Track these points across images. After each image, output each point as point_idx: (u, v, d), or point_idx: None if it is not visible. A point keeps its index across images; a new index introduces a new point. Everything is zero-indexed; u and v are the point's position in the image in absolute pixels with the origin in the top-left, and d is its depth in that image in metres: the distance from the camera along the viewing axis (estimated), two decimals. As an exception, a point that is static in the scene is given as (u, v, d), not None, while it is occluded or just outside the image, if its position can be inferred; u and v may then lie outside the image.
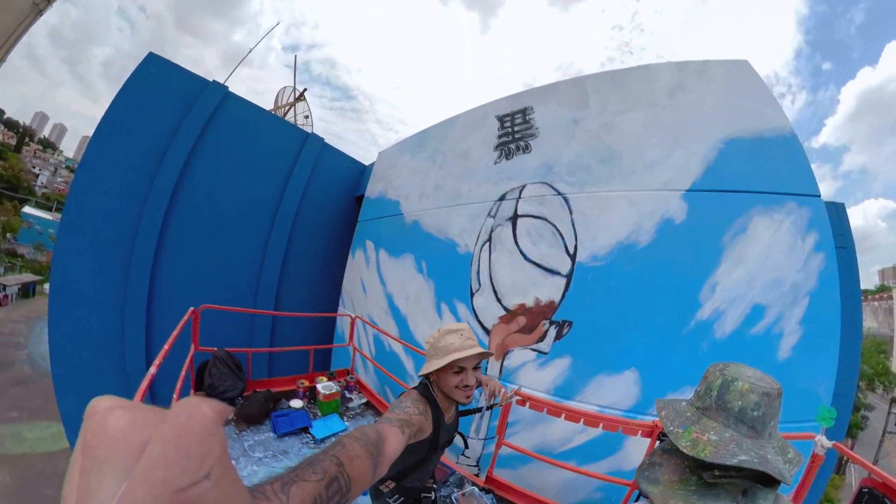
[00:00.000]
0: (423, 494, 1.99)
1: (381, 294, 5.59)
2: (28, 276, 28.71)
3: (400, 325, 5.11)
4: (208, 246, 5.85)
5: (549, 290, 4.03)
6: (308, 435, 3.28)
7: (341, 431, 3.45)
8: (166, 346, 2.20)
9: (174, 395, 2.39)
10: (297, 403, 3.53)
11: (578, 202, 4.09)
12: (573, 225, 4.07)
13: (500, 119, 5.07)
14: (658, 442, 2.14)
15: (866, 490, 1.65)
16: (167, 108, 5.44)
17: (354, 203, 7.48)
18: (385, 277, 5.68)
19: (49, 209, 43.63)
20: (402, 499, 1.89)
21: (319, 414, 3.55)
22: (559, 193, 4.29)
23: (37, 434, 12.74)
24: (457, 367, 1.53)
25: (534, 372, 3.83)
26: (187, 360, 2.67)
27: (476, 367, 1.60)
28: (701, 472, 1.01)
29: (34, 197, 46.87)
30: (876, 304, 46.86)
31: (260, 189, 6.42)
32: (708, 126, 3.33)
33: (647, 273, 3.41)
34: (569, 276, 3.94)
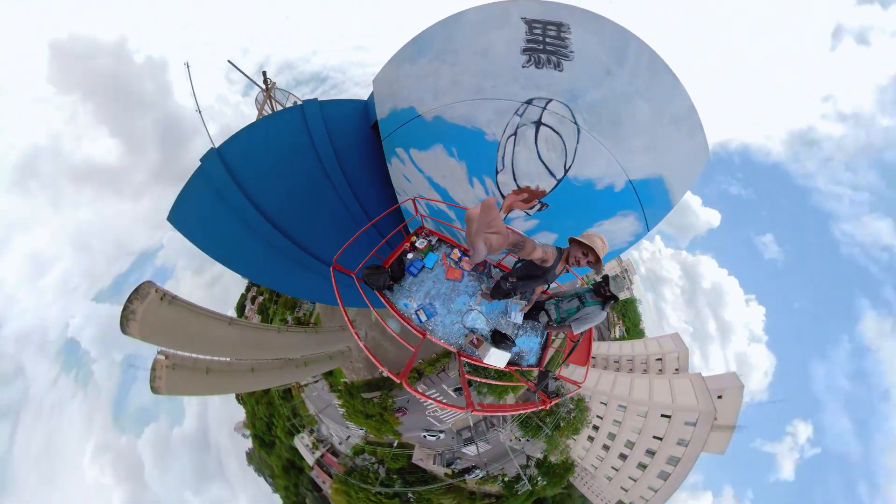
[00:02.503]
0: (519, 299, 4.72)
1: (422, 179, 6.92)
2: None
3: (442, 193, 6.97)
4: (317, 225, 8.43)
5: (545, 183, 6.76)
6: (426, 268, 6.57)
7: (436, 259, 6.81)
8: (343, 310, 4.86)
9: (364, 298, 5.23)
10: (411, 256, 6.46)
11: (585, 138, 6.15)
12: (575, 151, 6.33)
13: (530, 24, 5.37)
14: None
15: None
16: (218, 212, 7.71)
17: (372, 132, 8.55)
18: (421, 167, 6.80)
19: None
20: (511, 287, 4.17)
21: (422, 256, 6.67)
22: (575, 123, 6.11)
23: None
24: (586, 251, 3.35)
25: (521, 222, 7.33)
26: (357, 286, 5.25)
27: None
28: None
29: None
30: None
31: (305, 171, 8.17)
32: (666, 162, 5.61)
33: (589, 202, 6.51)
34: (559, 181, 6.71)
